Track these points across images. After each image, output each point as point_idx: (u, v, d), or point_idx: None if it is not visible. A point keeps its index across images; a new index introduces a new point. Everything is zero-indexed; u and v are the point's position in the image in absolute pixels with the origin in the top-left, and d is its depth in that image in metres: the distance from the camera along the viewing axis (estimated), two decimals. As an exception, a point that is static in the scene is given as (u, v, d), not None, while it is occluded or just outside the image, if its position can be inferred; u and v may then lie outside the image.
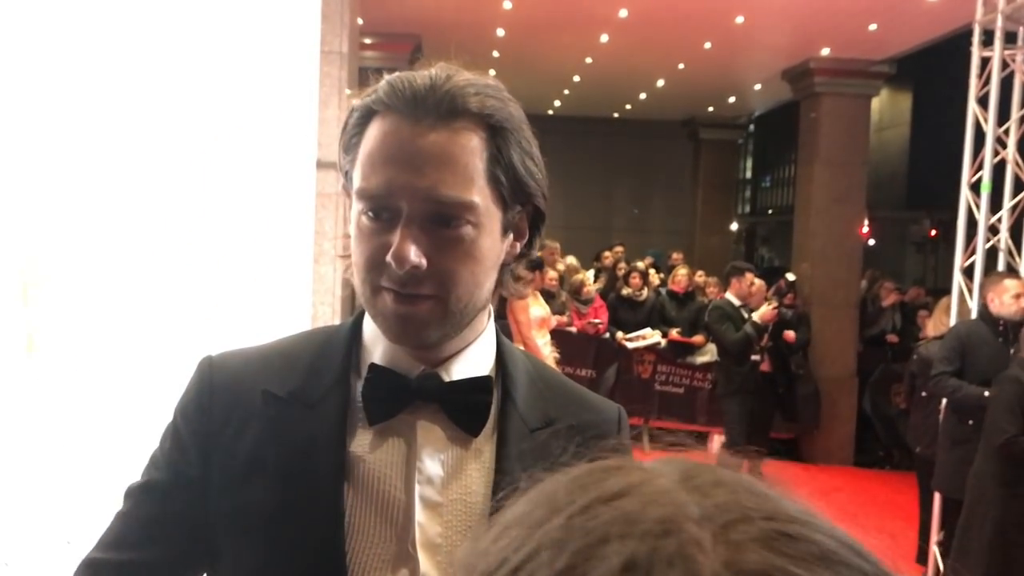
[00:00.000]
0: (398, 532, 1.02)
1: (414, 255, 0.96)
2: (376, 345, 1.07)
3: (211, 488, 1.04)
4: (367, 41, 8.61)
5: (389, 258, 0.97)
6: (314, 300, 4.84)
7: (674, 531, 0.40)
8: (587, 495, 0.44)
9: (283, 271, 4.60)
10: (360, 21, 7.00)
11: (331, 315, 4.87)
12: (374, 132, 1.02)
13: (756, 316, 6.94)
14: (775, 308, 7.13)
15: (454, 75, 1.01)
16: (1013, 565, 4.05)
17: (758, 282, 7.96)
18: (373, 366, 1.05)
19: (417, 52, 9.37)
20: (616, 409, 1.17)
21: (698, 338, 8.86)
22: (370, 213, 1.00)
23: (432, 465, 1.03)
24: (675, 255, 11.33)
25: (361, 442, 1.04)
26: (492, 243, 1.02)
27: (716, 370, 7.50)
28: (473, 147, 1.00)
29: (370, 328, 1.08)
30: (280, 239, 4.61)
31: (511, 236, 1.07)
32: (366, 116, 1.04)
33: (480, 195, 0.99)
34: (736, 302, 7.06)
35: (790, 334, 8.18)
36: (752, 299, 7.17)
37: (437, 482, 1.03)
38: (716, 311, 7.12)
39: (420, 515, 1.02)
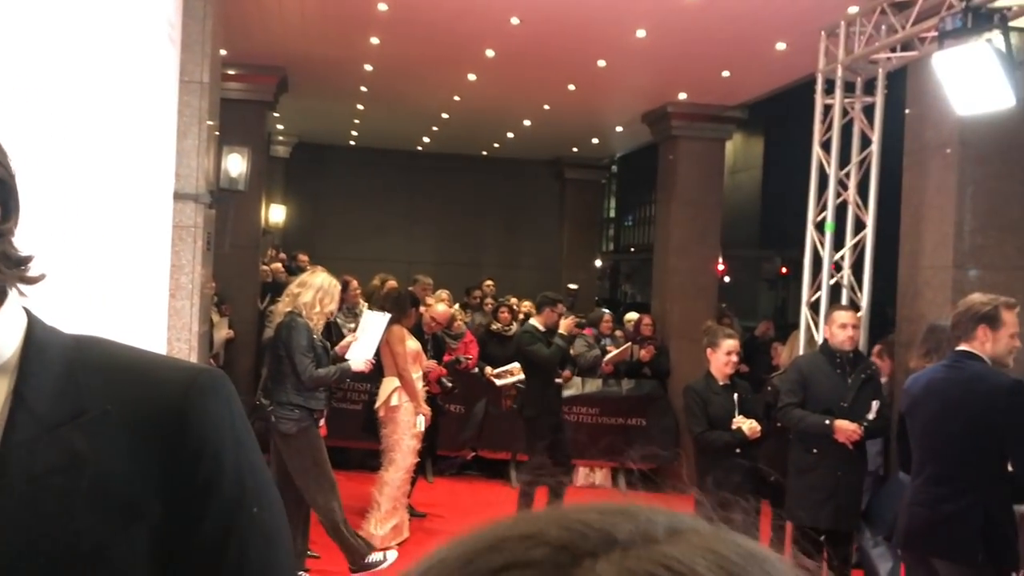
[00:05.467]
0: None
1: None
2: None
3: None
4: (231, 72, 8.45)
5: None
6: (169, 336, 4.69)
7: None
8: None
9: (137, 306, 4.43)
10: (223, 52, 6.88)
11: (188, 351, 4.72)
12: None
13: (561, 329, 7.33)
14: (574, 319, 7.68)
15: None
16: None
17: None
18: None
19: (283, 85, 9.27)
20: (189, 377, 0.98)
21: (566, 373, 9.00)
22: None
23: None
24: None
25: None
26: None
27: (523, 393, 7.75)
28: None
29: None
30: (135, 273, 4.44)
31: None
32: None
33: None
34: (542, 328, 7.38)
35: (645, 352, 8.85)
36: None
37: None
38: (526, 335, 7.47)
39: None
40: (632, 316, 10.25)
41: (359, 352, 5.71)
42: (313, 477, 5.40)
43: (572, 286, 9.58)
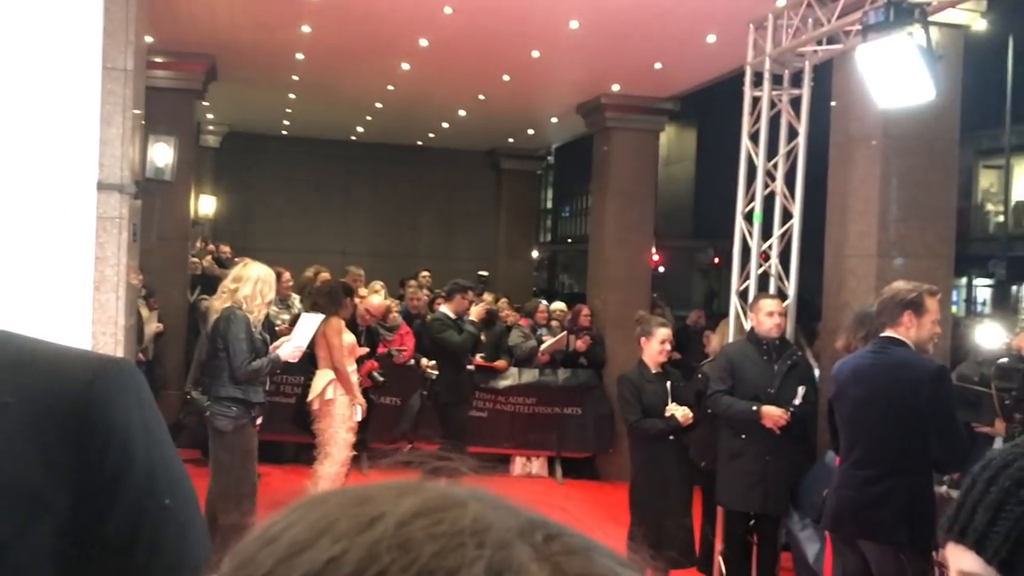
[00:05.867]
0: None
1: None
2: None
3: None
4: (158, 60, 8.26)
5: None
6: (94, 330, 4.57)
7: None
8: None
9: (61, 299, 4.31)
10: (149, 39, 6.72)
11: (114, 346, 4.61)
12: None
13: (472, 315, 7.50)
14: (485, 305, 7.97)
15: None
16: (661, 529, 5.06)
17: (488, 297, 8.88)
18: None
19: (212, 73, 9.09)
20: (95, 367, 0.95)
21: (501, 363, 9.02)
22: None
23: None
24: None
25: None
26: None
27: (436, 380, 7.83)
28: None
29: None
30: (58, 265, 4.33)
31: None
32: None
33: None
34: (452, 315, 7.41)
35: (581, 343, 8.93)
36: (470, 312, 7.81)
37: None
38: (436, 322, 7.54)
39: None
40: (558, 306, 10.33)
41: (289, 348, 5.67)
42: (236, 477, 5.32)
43: (482, 273, 9.93)
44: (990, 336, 7.14)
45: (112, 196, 4.70)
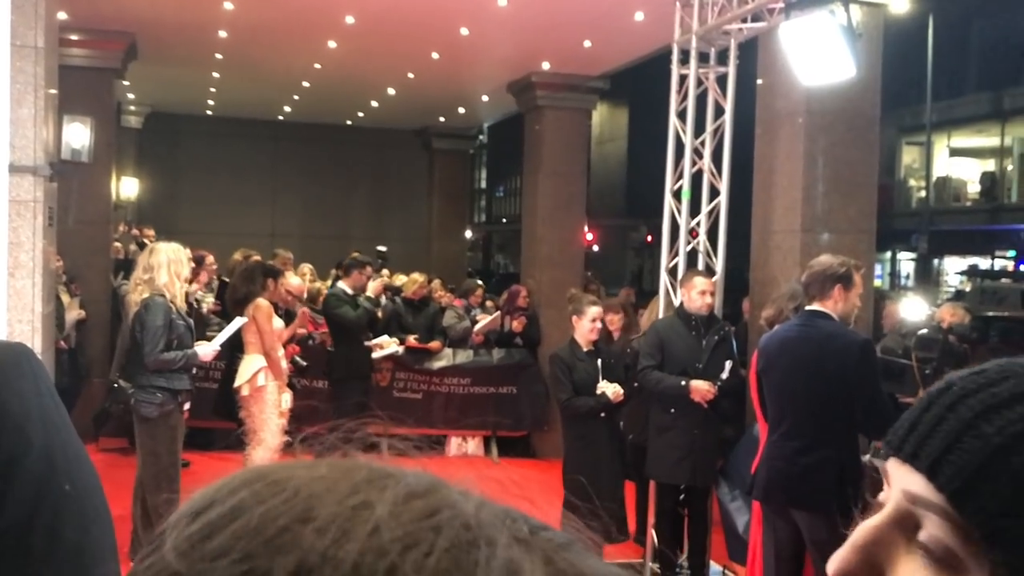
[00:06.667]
0: None
1: None
2: None
3: None
4: (73, 37, 7.98)
5: None
6: (10, 317, 4.42)
7: None
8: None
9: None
10: (63, 15, 6.49)
11: (31, 333, 4.46)
12: None
13: (369, 292, 7.52)
14: (382, 282, 8.12)
15: None
16: (594, 504, 4.95)
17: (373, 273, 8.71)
18: None
19: (131, 52, 8.82)
20: None
21: (435, 344, 8.99)
22: None
23: None
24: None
25: None
26: None
27: (331, 356, 7.86)
28: None
29: None
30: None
31: None
32: None
33: None
34: (350, 291, 7.46)
35: (517, 324, 8.95)
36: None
37: None
38: (332, 298, 7.60)
39: None
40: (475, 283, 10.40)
41: (208, 346, 5.68)
42: (162, 466, 5.26)
43: (381, 248, 10.06)
44: (912, 309, 7.34)
45: (25, 179, 4.55)
